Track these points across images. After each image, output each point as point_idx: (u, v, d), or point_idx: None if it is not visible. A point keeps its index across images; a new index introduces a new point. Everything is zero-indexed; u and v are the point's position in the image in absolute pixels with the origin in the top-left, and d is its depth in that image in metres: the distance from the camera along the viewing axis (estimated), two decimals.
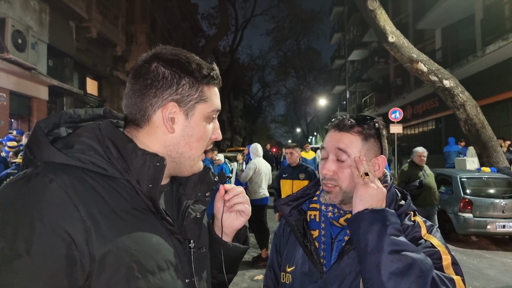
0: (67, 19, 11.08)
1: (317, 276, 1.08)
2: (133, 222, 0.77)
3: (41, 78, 9.37)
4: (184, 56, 0.87)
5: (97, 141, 0.80)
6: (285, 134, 70.21)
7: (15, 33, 8.07)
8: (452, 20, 15.16)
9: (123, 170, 0.80)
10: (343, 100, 40.10)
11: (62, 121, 0.84)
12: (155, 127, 0.85)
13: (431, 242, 1.00)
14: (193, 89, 0.86)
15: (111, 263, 0.71)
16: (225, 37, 26.36)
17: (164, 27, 21.09)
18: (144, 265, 0.75)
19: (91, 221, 0.70)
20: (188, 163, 0.89)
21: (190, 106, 0.86)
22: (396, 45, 7.40)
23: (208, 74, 0.88)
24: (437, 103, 15.95)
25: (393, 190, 1.12)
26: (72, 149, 0.78)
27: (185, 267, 0.86)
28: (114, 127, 0.84)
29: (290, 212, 1.20)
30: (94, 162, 0.77)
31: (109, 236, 0.72)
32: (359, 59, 30.95)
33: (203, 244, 0.94)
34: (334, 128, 1.14)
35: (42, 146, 0.76)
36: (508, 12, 11.45)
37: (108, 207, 0.75)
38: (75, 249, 0.68)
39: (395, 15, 20.29)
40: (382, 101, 24.15)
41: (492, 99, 12.32)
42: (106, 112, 0.93)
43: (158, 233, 0.81)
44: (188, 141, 0.87)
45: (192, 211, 0.92)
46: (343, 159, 1.08)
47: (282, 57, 39.31)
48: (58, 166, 0.74)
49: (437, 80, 7.48)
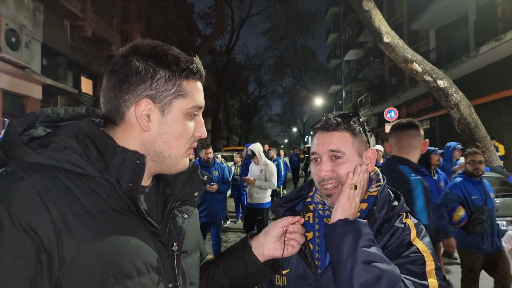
0: (61, 18, 11.01)
1: (312, 279, 1.07)
2: (110, 224, 0.73)
3: (34, 77, 9.31)
4: (162, 48, 0.82)
5: (75, 139, 0.77)
6: (281, 134, 70.12)
7: (9, 32, 8.02)
8: (446, 21, 15.24)
9: (102, 169, 0.76)
10: (339, 99, 40.19)
11: (39, 120, 0.80)
12: (130, 125, 0.81)
13: (417, 247, 1.00)
14: (169, 84, 0.80)
15: (83, 266, 0.68)
16: (221, 36, 26.27)
17: (160, 27, 21.01)
18: (121, 269, 0.72)
19: (62, 222, 0.67)
20: (169, 161, 0.84)
21: (166, 102, 0.81)
22: (391, 45, 7.44)
23: (186, 67, 0.82)
24: (432, 102, 16.05)
25: (387, 191, 1.11)
26: (47, 148, 0.74)
27: (168, 271, 0.82)
28: (94, 126, 0.80)
29: (284, 214, 1.18)
30: (70, 160, 0.73)
31: (81, 238, 0.68)
32: (355, 59, 31.02)
33: (189, 247, 0.90)
34: (321, 130, 1.12)
35: (14, 145, 0.73)
36: (501, 13, 11.54)
37: (83, 207, 0.71)
38: (43, 251, 0.65)
39: (390, 16, 20.36)
40: (377, 101, 24.22)
41: (485, 99, 12.40)
42: (89, 111, 0.88)
43: (139, 235, 0.77)
44: (166, 139, 0.82)
45: (178, 212, 0.89)
46: (338, 157, 1.07)
47: (278, 56, 39.30)
48: (30, 165, 0.71)
49: (432, 80, 7.53)
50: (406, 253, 0.99)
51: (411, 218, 1.11)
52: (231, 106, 45.23)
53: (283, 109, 55.00)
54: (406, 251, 0.99)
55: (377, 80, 26.27)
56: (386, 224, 1.06)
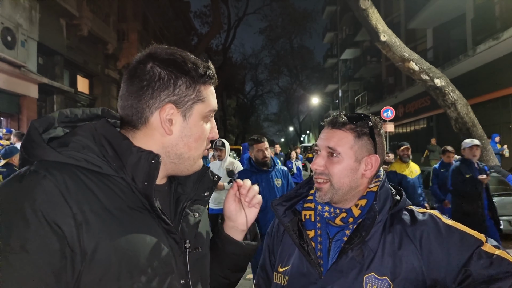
0: (57, 16, 10.95)
1: (315, 277, 1.07)
2: (126, 221, 0.76)
3: (30, 76, 9.25)
4: (180, 55, 0.85)
5: (92, 139, 0.80)
6: (278, 133, 70.35)
7: (5, 31, 7.96)
8: (444, 19, 15.29)
9: (118, 168, 0.79)
10: (336, 98, 40.24)
11: (58, 121, 0.83)
12: (153, 128, 0.84)
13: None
14: (190, 89, 0.85)
15: (101, 261, 0.71)
16: (218, 35, 26.32)
17: (156, 25, 20.94)
18: (137, 265, 0.75)
19: (83, 218, 0.70)
20: (188, 163, 0.89)
21: (187, 106, 0.85)
22: (388, 44, 7.44)
23: (204, 73, 0.86)
24: (429, 101, 16.09)
25: (387, 186, 1.11)
26: (67, 147, 0.77)
27: (181, 268, 0.85)
28: (110, 126, 0.83)
29: (284, 213, 1.18)
30: (88, 159, 0.76)
31: (100, 234, 0.71)
32: (352, 58, 31.07)
33: (200, 244, 0.93)
34: (328, 125, 1.13)
35: (36, 145, 0.76)
36: (499, 12, 11.58)
37: (101, 204, 0.74)
38: (67, 246, 0.68)
39: (387, 15, 20.41)
40: (374, 100, 24.28)
41: (483, 98, 12.46)
42: (104, 112, 0.91)
43: (153, 232, 0.80)
44: (187, 142, 0.86)
45: (190, 211, 0.92)
46: (334, 154, 1.07)
47: (275, 55, 39.34)
48: (51, 163, 0.74)
49: (428, 79, 7.54)
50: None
51: (418, 207, 1.11)
52: (228, 105, 45.22)
53: (279, 108, 55.17)
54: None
55: (374, 79, 26.33)
56: (395, 221, 1.06)
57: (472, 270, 0.96)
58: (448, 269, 0.97)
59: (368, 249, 1.03)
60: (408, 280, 0.98)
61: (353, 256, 1.02)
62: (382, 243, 1.03)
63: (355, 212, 1.07)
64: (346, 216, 1.07)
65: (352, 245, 1.02)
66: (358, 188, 1.10)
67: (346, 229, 1.08)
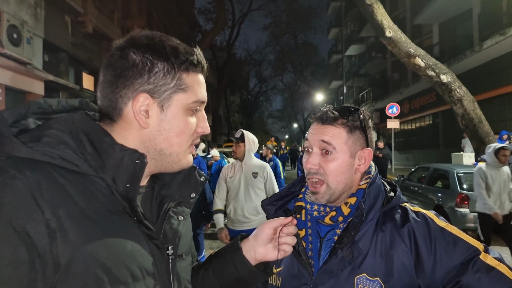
0: (62, 13, 10.97)
1: (307, 278, 1.03)
2: (106, 226, 0.69)
3: (36, 73, 9.28)
4: (159, 39, 0.77)
5: (69, 134, 0.71)
6: (282, 129, 70.12)
7: (10, 28, 7.98)
8: (450, 15, 15.15)
9: (98, 167, 0.71)
10: (340, 95, 40.10)
11: (30, 112, 0.74)
12: (128, 121, 0.76)
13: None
14: (168, 77, 0.75)
15: (77, 272, 0.63)
16: (222, 32, 26.19)
17: (161, 22, 20.94)
18: (116, 275, 0.68)
19: (57, 225, 0.62)
20: (170, 159, 0.80)
21: (165, 96, 0.75)
22: (393, 39, 7.38)
23: (186, 59, 0.77)
24: (435, 98, 15.98)
25: (379, 182, 1.07)
26: (40, 142, 0.68)
27: (163, 276, 0.78)
28: (90, 120, 0.75)
29: (275, 213, 1.13)
30: (64, 157, 0.68)
31: (76, 242, 0.64)
32: (357, 54, 30.91)
33: (183, 251, 0.86)
34: (317, 121, 1.08)
35: (4, 139, 0.67)
36: (506, 7, 11.45)
37: (78, 208, 0.66)
38: (37, 256, 0.60)
39: (393, 10, 20.26)
40: (379, 96, 24.15)
41: (489, 94, 12.36)
42: (83, 104, 0.82)
43: (134, 238, 0.73)
44: (166, 136, 0.77)
45: (173, 214, 0.85)
46: (328, 152, 1.03)
47: (279, 52, 39.19)
48: (23, 161, 0.65)
49: (434, 75, 7.48)
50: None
51: (415, 205, 1.07)
52: (232, 101, 45.16)
53: (283, 105, 55.01)
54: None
55: (379, 75, 26.18)
56: (387, 218, 1.02)
57: (464, 282, 0.90)
58: (433, 272, 0.93)
59: (358, 249, 0.99)
60: (400, 281, 0.94)
61: (343, 257, 0.99)
62: (374, 242, 0.99)
63: (345, 210, 1.03)
64: (335, 215, 1.03)
65: (342, 244, 0.99)
66: (352, 184, 1.06)
67: (337, 228, 1.05)
